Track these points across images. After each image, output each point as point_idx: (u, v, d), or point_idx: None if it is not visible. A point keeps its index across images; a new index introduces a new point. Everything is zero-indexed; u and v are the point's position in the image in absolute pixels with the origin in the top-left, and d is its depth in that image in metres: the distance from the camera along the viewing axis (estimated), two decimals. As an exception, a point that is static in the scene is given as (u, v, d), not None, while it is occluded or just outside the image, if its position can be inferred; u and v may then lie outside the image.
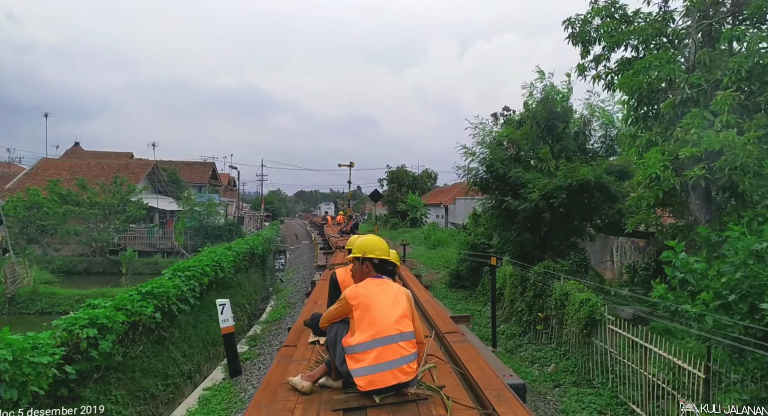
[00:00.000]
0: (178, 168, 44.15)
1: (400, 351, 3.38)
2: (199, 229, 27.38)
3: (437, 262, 23.90)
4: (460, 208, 40.26)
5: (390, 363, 3.35)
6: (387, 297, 3.56)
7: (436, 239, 29.06)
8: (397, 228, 44.17)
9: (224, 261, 12.93)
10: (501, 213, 12.45)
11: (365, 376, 3.34)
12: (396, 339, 3.40)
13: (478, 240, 16.21)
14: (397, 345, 3.38)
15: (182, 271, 10.62)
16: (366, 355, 3.36)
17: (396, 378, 3.36)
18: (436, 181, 55.62)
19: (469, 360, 4.73)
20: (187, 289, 9.96)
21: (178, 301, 9.21)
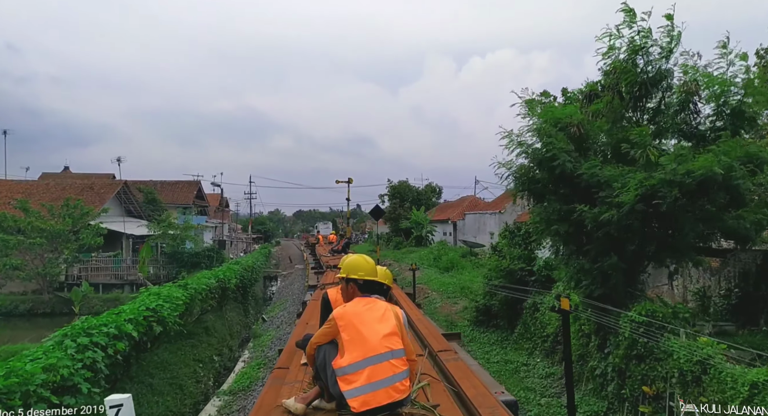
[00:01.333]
0: (159, 188, 40.38)
1: (392, 369, 3.33)
2: (174, 256, 23.61)
3: (453, 290, 19.98)
4: (470, 223, 36.44)
5: (382, 381, 3.29)
6: (375, 315, 3.50)
7: (448, 260, 25.15)
8: (400, 248, 40.27)
9: (167, 307, 9.04)
10: (567, 230, 8.60)
11: (358, 397, 3.25)
12: (387, 357, 3.34)
13: (515, 266, 12.36)
14: (388, 363, 3.32)
15: (82, 334, 6.74)
16: (358, 376, 3.29)
17: (389, 396, 3.29)
18: (441, 195, 51.90)
19: (463, 378, 4.74)
20: (80, 368, 6.08)
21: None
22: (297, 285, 23.32)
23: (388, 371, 3.31)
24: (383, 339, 3.38)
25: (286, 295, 21.63)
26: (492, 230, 33.21)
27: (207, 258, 24.10)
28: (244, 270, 18.52)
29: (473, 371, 5.07)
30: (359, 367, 3.30)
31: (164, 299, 9.46)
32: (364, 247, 59.02)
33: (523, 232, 13.17)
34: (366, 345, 3.35)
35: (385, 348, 3.35)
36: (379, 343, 3.35)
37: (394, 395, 3.31)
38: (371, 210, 30.19)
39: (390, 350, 3.36)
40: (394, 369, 3.33)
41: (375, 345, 3.35)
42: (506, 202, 33.42)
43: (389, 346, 3.37)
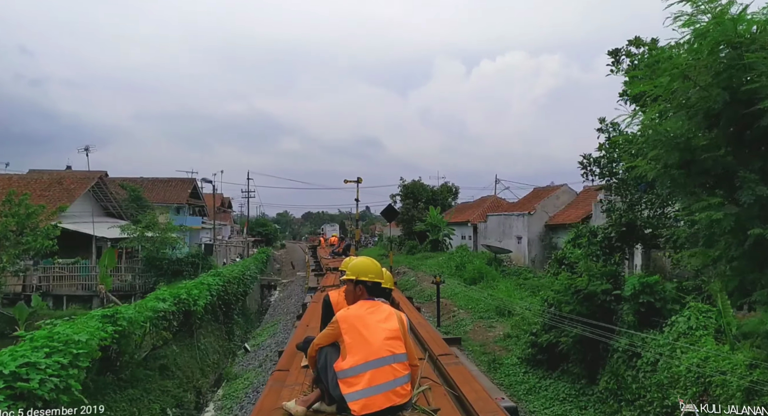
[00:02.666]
0: (150, 185, 36.94)
1: (394, 373, 3.32)
2: (152, 263, 20.09)
3: (485, 309, 16.16)
4: (493, 226, 32.56)
5: (383, 385, 3.27)
6: (378, 319, 3.49)
7: (474, 270, 21.29)
8: (414, 253, 36.43)
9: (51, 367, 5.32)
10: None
11: (359, 400, 3.23)
12: (389, 360, 3.33)
13: (596, 287, 8.51)
14: (390, 366, 3.31)
15: None
16: (359, 379, 3.27)
17: (390, 400, 3.28)
18: (458, 196, 47.98)
19: (464, 383, 4.71)
20: None
21: None
22: (294, 298, 19.63)
23: (390, 375, 3.28)
24: (385, 343, 3.35)
25: (279, 313, 17.92)
26: (519, 233, 29.31)
27: (191, 266, 20.53)
28: (227, 283, 14.86)
29: (474, 375, 5.14)
30: (361, 370, 3.25)
31: (55, 347, 5.72)
32: (374, 251, 55.23)
33: (600, 238, 9.34)
34: (368, 348, 3.30)
35: (387, 352, 3.32)
36: (381, 347, 3.32)
37: (395, 399, 3.28)
38: (383, 211, 26.49)
39: (392, 354, 3.34)
40: (396, 373, 3.31)
41: (377, 349, 3.31)
42: (535, 202, 29.56)
43: (391, 350, 3.34)
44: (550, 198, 28.81)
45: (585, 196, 27.82)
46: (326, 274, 17.69)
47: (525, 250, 28.55)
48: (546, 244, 27.79)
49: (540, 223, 28.26)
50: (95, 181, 22.96)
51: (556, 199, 28.88)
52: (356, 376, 3.27)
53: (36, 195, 21.32)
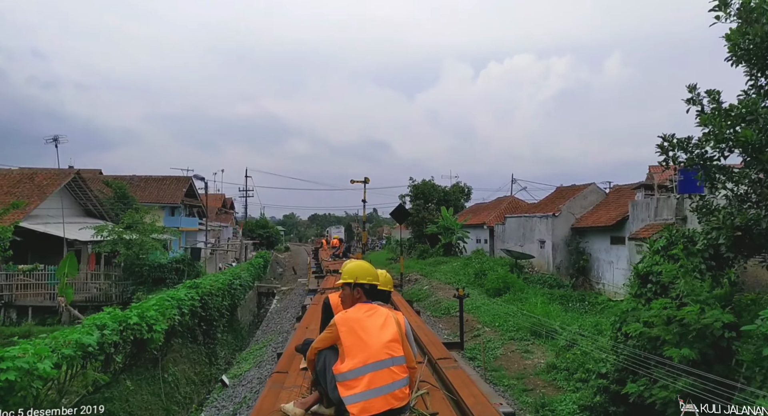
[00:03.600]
0: (143, 184, 34.56)
1: (392, 376, 3.30)
2: (130, 270, 17.61)
3: (516, 328, 13.51)
4: (512, 229, 29.87)
5: (382, 388, 3.25)
6: (376, 321, 3.48)
7: (498, 279, 18.59)
8: (426, 257, 33.83)
9: None
10: None
11: (358, 403, 3.20)
12: (387, 363, 3.30)
13: (710, 319, 5.81)
14: (388, 369, 3.29)
15: None
16: (358, 381, 3.25)
17: (389, 403, 3.25)
18: (470, 196, 45.30)
19: (462, 387, 4.71)
20: None
21: None
22: (291, 311, 16.99)
23: (388, 378, 3.26)
24: (384, 346, 3.33)
25: (271, 331, 15.29)
26: (542, 237, 26.60)
27: (174, 272, 18.03)
28: (207, 296, 12.32)
29: (473, 380, 5.09)
30: (359, 373, 3.24)
31: None
32: (381, 255, 52.64)
33: (702, 247, 6.65)
34: (367, 351, 3.29)
35: (386, 355, 3.31)
36: (379, 350, 3.30)
37: (394, 402, 3.26)
38: (393, 212, 23.87)
39: (390, 357, 3.32)
40: (394, 376, 3.29)
41: (376, 352, 3.29)
42: (559, 203, 26.85)
43: (390, 353, 3.33)
44: (576, 198, 26.09)
45: (616, 196, 25.09)
46: (326, 276, 17.64)
47: (549, 256, 25.85)
48: (573, 249, 25.08)
49: (566, 226, 25.56)
50: (71, 177, 20.55)
51: (584, 199, 26.16)
52: (355, 379, 3.23)
53: (2, 191, 18.92)
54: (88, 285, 18.41)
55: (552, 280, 23.79)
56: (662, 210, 18.36)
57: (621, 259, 21.62)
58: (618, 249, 21.92)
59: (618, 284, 22.02)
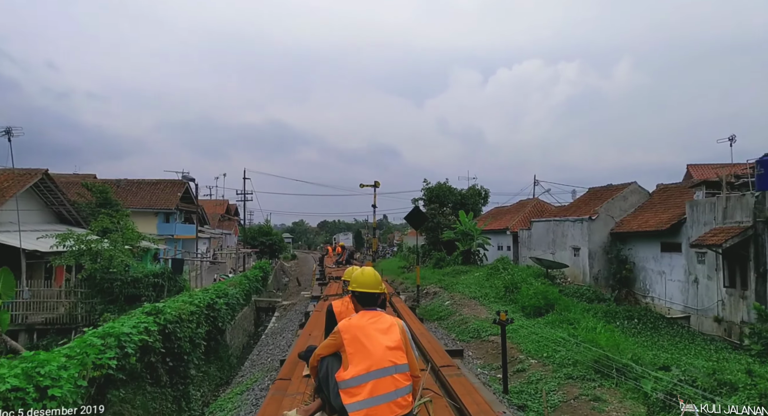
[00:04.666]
0: (135, 188, 31.92)
1: (395, 384, 3.25)
2: (99, 285, 14.80)
3: (571, 360, 10.50)
4: (540, 234, 26.81)
5: (385, 395, 3.21)
6: (380, 329, 3.43)
7: (537, 296, 15.50)
8: (442, 266, 30.81)
9: None
10: None
11: (360, 411, 3.18)
12: (390, 371, 3.27)
13: None
14: (391, 377, 3.25)
15: None
16: (361, 389, 3.21)
17: (392, 411, 3.21)
18: (487, 200, 42.15)
19: (465, 394, 4.70)
20: None
21: None
22: (290, 332, 13.98)
23: (391, 386, 3.23)
24: (387, 354, 3.30)
25: (264, 358, 12.28)
26: (576, 243, 23.55)
27: (152, 288, 15.23)
28: (173, 323, 9.46)
29: (476, 387, 5.13)
30: (362, 381, 3.21)
31: None
32: (393, 263, 49.61)
33: None
34: (370, 358, 3.26)
35: (389, 363, 3.28)
36: (382, 357, 3.27)
37: (396, 410, 3.22)
38: (408, 216, 20.99)
39: (394, 364, 3.28)
40: (397, 384, 3.25)
41: (379, 359, 3.26)
42: (595, 205, 23.81)
43: (393, 361, 3.29)
44: (615, 199, 23.04)
45: (663, 196, 22.01)
46: (329, 283, 17.37)
47: (585, 265, 22.79)
48: (613, 257, 22.03)
49: (604, 230, 22.52)
50: (38, 178, 17.85)
51: (623, 200, 23.10)
52: (358, 386, 3.19)
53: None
54: (52, 304, 15.65)
55: (590, 293, 20.73)
56: (734, 211, 15.29)
57: (676, 269, 18.53)
58: (671, 257, 18.83)
59: (672, 298, 18.93)
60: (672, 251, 18.78)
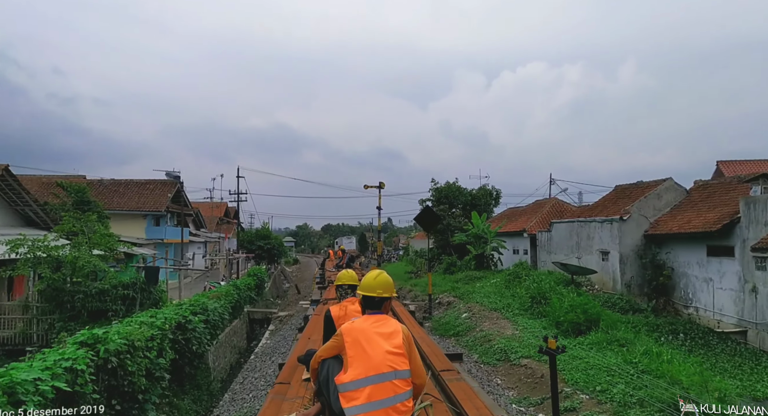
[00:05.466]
0: (122, 189, 29.74)
1: (394, 389, 3.21)
2: (57, 299, 12.52)
3: (633, 395, 8.15)
4: (562, 237, 24.45)
5: (383, 401, 3.17)
6: (382, 333, 3.38)
7: (576, 310, 13.10)
8: (454, 272, 28.48)
9: None
10: None
11: (359, 415, 3.14)
12: (389, 376, 3.23)
13: None
14: (390, 383, 3.21)
15: None
16: (359, 393, 3.18)
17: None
18: (499, 201, 39.79)
19: (465, 399, 4.68)
20: None
21: None
22: (283, 349, 11.68)
23: (390, 391, 3.19)
24: (387, 359, 3.25)
25: (246, 392, 9.97)
26: (605, 247, 21.16)
27: (121, 301, 12.99)
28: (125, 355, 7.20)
29: (476, 392, 5.13)
30: (361, 385, 3.17)
31: None
32: (399, 267, 47.22)
33: None
34: (369, 363, 3.23)
35: (389, 368, 3.24)
36: (382, 362, 3.23)
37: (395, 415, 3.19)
38: (418, 216, 18.75)
39: (393, 370, 3.24)
40: (396, 390, 3.21)
41: (378, 364, 3.22)
42: (623, 204, 21.46)
43: (393, 366, 3.25)
44: (648, 197, 20.67)
45: (703, 194, 19.64)
46: (329, 287, 17.55)
47: (615, 270, 20.41)
48: (647, 262, 19.65)
49: (637, 232, 20.15)
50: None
51: (657, 198, 20.73)
52: (356, 390, 3.16)
53: None
54: (8, 320, 13.41)
55: (623, 302, 18.34)
56: (807, 209, 12.92)
57: (727, 276, 16.15)
58: (721, 262, 16.45)
59: (722, 309, 16.55)
60: (722, 255, 16.41)
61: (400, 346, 3.32)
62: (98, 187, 29.47)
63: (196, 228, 44.02)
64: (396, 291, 24.97)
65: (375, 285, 3.64)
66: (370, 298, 3.61)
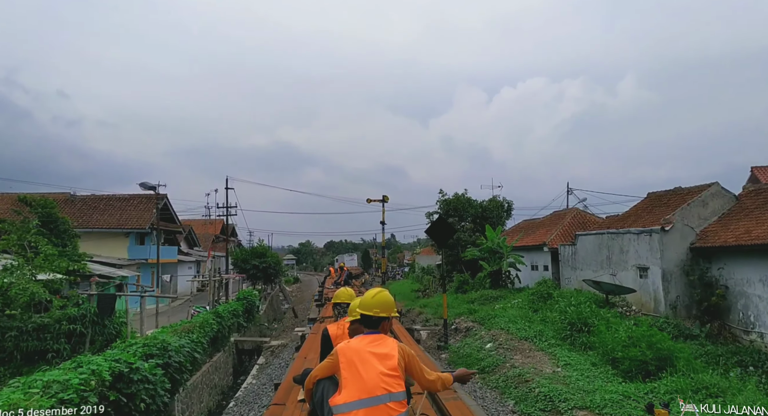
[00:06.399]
0: (103, 206, 27.27)
1: (389, 412, 3.10)
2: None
3: None
4: (590, 251, 21.81)
5: None
6: (377, 354, 3.26)
7: (641, 346, 10.39)
8: (467, 291, 25.83)
9: None
10: None
11: None
12: (384, 399, 3.10)
13: None
14: (385, 406, 3.09)
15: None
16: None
17: None
18: (511, 213, 37.24)
19: None
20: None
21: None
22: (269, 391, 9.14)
23: (384, 414, 3.08)
24: (382, 381, 3.14)
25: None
26: (643, 262, 18.52)
27: (66, 339, 10.42)
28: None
29: (472, 411, 5.22)
30: (354, 407, 3.06)
31: None
32: (404, 285, 44.52)
33: None
34: (363, 385, 3.11)
35: (383, 390, 3.12)
36: (376, 385, 3.12)
37: None
38: (430, 228, 16.26)
39: (387, 392, 3.13)
40: (391, 412, 3.11)
41: (372, 387, 3.11)
42: (661, 213, 18.89)
43: (387, 388, 3.13)
44: (691, 205, 18.10)
45: (759, 200, 17.07)
46: (326, 305, 17.54)
47: (657, 289, 17.76)
48: (695, 280, 17.00)
49: (681, 245, 17.53)
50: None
51: (702, 206, 18.16)
52: (349, 413, 3.05)
53: None
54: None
55: (670, 327, 15.64)
56: None
57: None
58: (794, 279, 13.83)
59: (798, 336, 13.87)
60: (794, 271, 13.80)
61: (395, 369, 3.20)
62: (78, 203, 27.05)
63: (189, 247, 41.46)
64: (404, 313, 21.96)
65: (372, 303, 3.49)
66: (368, 317, 3.45)
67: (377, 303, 3.48)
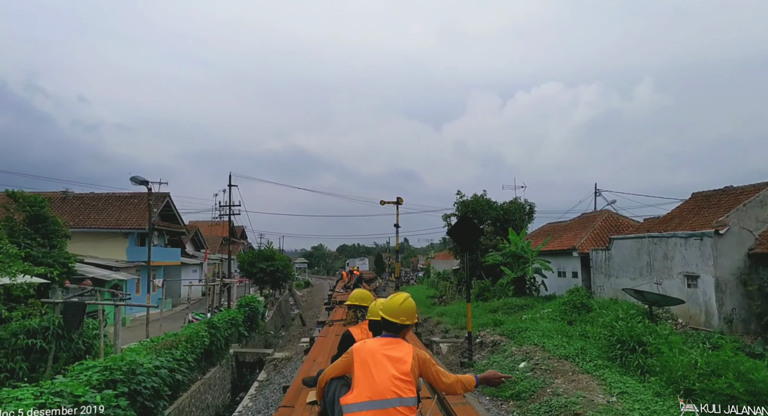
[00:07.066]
0: (101, 205, 25.79)
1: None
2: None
3: None
4: (627, 256, 19.76)
5: None
6: (391, 357, 3.22)
7: (718, 369, 8.47)
8: (488, 299, 23.89)
9: None
10: None
11: None
12: (393, 403, 3.06)
13: None
14: (395, 409, 3.05)
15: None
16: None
17: None
18: (533, 216, 35.14)
19: None
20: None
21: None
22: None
23: None
24: (393, 385, 3.10)
25: None
26: (692, 269, 16.45)
27: (25, 356, 8.78)
28: None
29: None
30: (363, 408, 3.05)
31: None
32: (419, 291, 42.51)
33: None
34: (374, 387, 3.09)
35: (393, 394, 3.08)
36: (387, 388, 3.09)
37: None
38: (453, 229, 14.47)
39: (398, 397, 3.09)
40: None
41: (382, 390, 3.08)
42: (711, 215, 16.85)
43: (398, 393, 3.09)
44: (747, 206, 16.05)
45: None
46: (335, 308, 17.28)
47: (709, 300, 15.70)
48: (755, 291, 14.94)
49: (738, 251, 15.49)
50: None
51: (760, 207, 16.11)
52: (359, 413, 3.03)
53: None
54: None
55: (729, 345, 13.61)
56: None
57: None
58: None
59: None
60: None
61: (408, 374, 3.15)
62: (74, 202, 25.62)
63: (196, 249, 40.00)
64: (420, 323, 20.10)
65: (399, 311, 3.43)
66: (392, 323, 3.40)
67: (404, 311, 3.43)
